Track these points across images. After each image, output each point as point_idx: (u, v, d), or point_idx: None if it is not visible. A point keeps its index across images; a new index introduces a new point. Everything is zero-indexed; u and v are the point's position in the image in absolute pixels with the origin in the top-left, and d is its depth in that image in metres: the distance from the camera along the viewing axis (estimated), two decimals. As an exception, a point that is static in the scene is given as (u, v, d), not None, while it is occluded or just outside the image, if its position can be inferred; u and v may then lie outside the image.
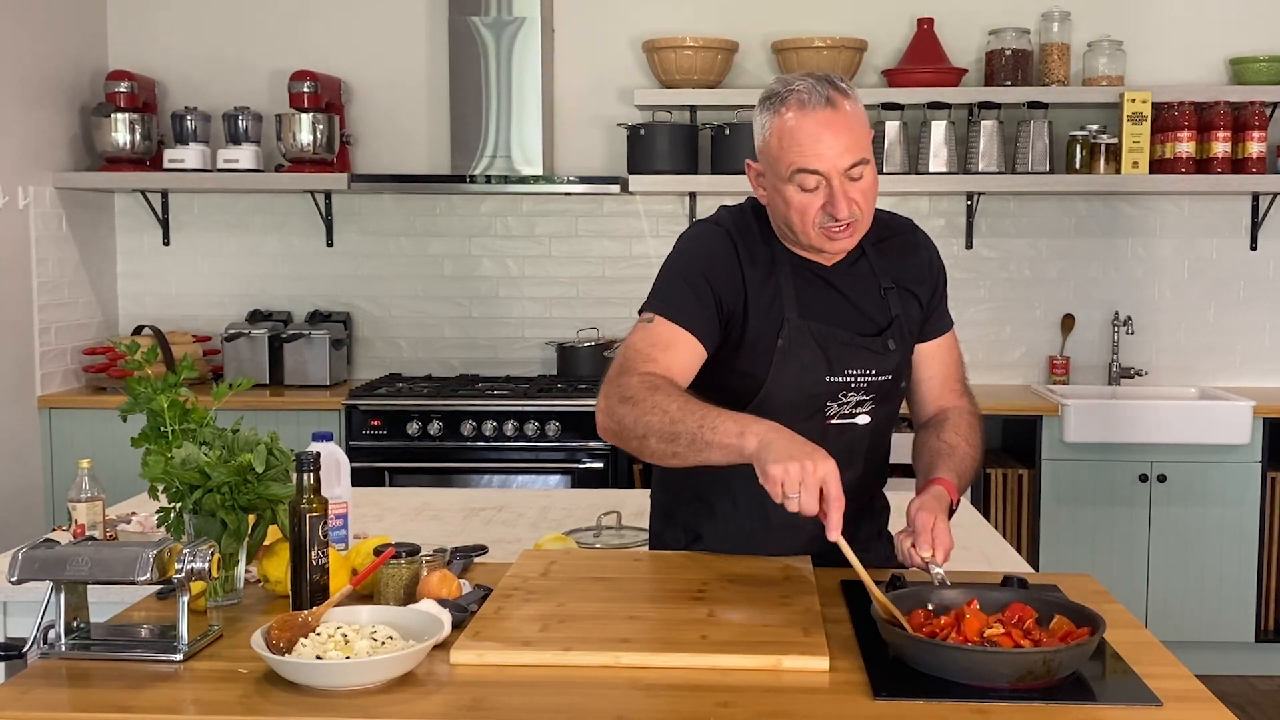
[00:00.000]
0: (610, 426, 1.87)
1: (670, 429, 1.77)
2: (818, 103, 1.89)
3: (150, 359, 1.95)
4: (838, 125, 1.88)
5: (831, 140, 1.88)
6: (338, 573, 1.79)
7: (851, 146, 1.89)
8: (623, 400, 1.84)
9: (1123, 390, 4.68)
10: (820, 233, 1.93)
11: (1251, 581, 4.28)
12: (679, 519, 2.14)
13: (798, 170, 1.89)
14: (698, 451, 1.75)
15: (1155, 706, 1.45)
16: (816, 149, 1.88)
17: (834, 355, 1.99)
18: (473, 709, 1.44)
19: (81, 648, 1.62)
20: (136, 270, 4.96)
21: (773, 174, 1.95)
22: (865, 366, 2.01)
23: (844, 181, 1.89)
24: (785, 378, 1.97)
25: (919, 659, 1.53)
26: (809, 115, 1.89)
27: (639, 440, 1.82)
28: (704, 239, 2.04)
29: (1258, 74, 4.51)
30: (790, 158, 1.90)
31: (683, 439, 1.76)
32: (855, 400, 2.02)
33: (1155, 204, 4.76)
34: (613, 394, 1.87)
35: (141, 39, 4.88)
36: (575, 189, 4.57)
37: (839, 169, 1.88)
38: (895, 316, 2.04)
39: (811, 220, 1.92)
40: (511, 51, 4.58)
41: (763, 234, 2.03)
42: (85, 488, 2.38)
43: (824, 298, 2.01)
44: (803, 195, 1.91)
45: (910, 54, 4.61)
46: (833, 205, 1.89)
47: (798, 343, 1.97)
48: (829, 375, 1.99)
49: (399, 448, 4.28)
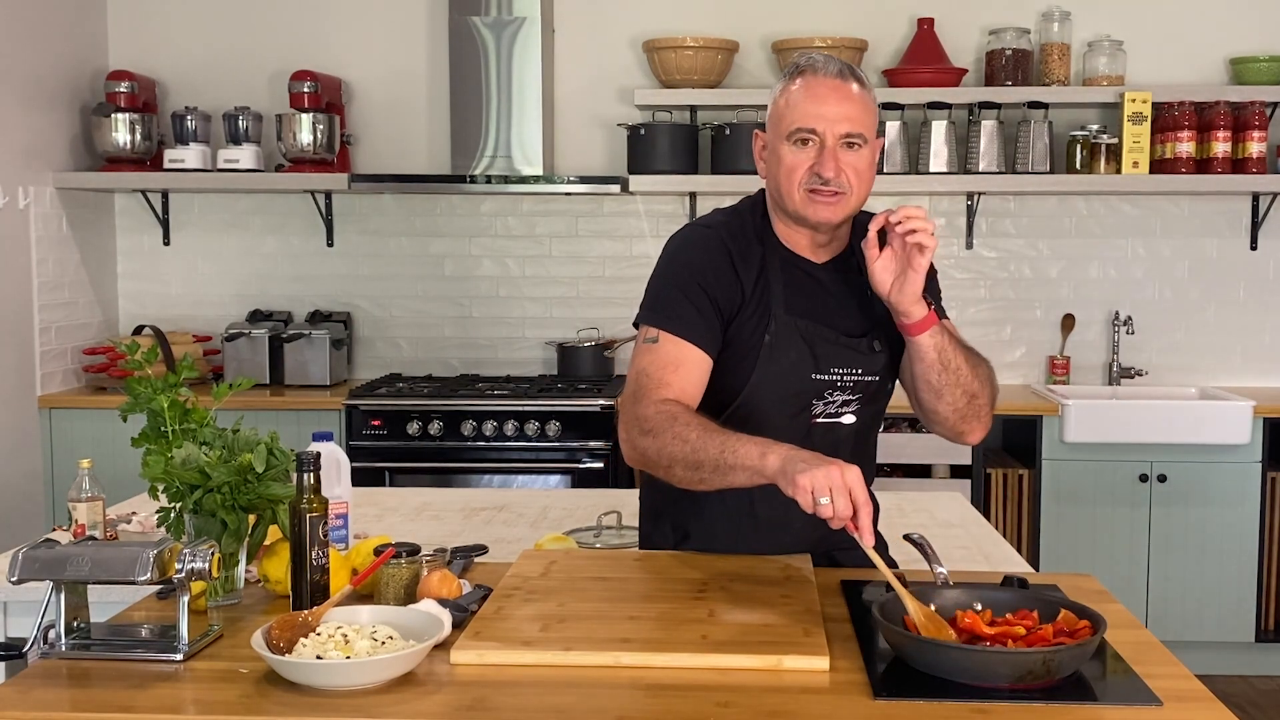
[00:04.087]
0: (635, 457, 1.92)
1: (693, 457, 1.80)
2: (830, 72, 1.94)
3: (150, 359, 1.94)
4: (844, 94, 1.93)
5: (834, 105, 1.92)
6: (338, 573, 1.79)
7: (852, 117, 1.93)
8: (644, 433, 1.88)
9: (1123, 390, 4.68)
10: (805, 195, 1.95)
11: (1251, 581, 4.28)
12: (667, 518, 2.14)
13: (796, 128, 1.93)
14: (722, 475, 1.78)
15: (1155, 706, 1.45)
16: (819, 110, 1.92)
17: (820, 353, 2.00)
18: (473, 709, 1.44)
19: (82, 648, 1.62)
20: (137, 270, 4.96)
21: (774, 137, 1.98)
22: (851, 366, 2.02)
23: (838, 146, 1.92)
24: (771, 374, 1.97)
25: (919, 659, 1.53)
26: (819, 80, 1.94)
27: (665, 470, 1.86)
28: (695, 244, 2.04)
29: (1258, 74, 4.51)
30: (792, 116, 1.94)
31: (706, 466, 1.79)
32: (841, 400, 2.03)
33: (1155, 204, 4.76)
34: (632, 426, 1.91)
35: (141, 39, 4.88)
36: (575, 189, 4.57)
37: (835, 133, 1.92)
38: (881, 318, 2.05)
39: (798, 181, 1.94)
40: (511, 51, 4.58)
41: (757, 231, 2.04)
42: (85, 488, 2.38)
43: (812, 295, 2.02)
44: (794, 154, 1.94)
45: (910, 54, 4.61)
46: (820, 164, 1.92)
47: (784, 339, 1.98)
48: (814, 373, 2.00)
49: (399, 448, 4.28)
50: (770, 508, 1.71)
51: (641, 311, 2.02)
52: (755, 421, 1.93)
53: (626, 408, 1.94)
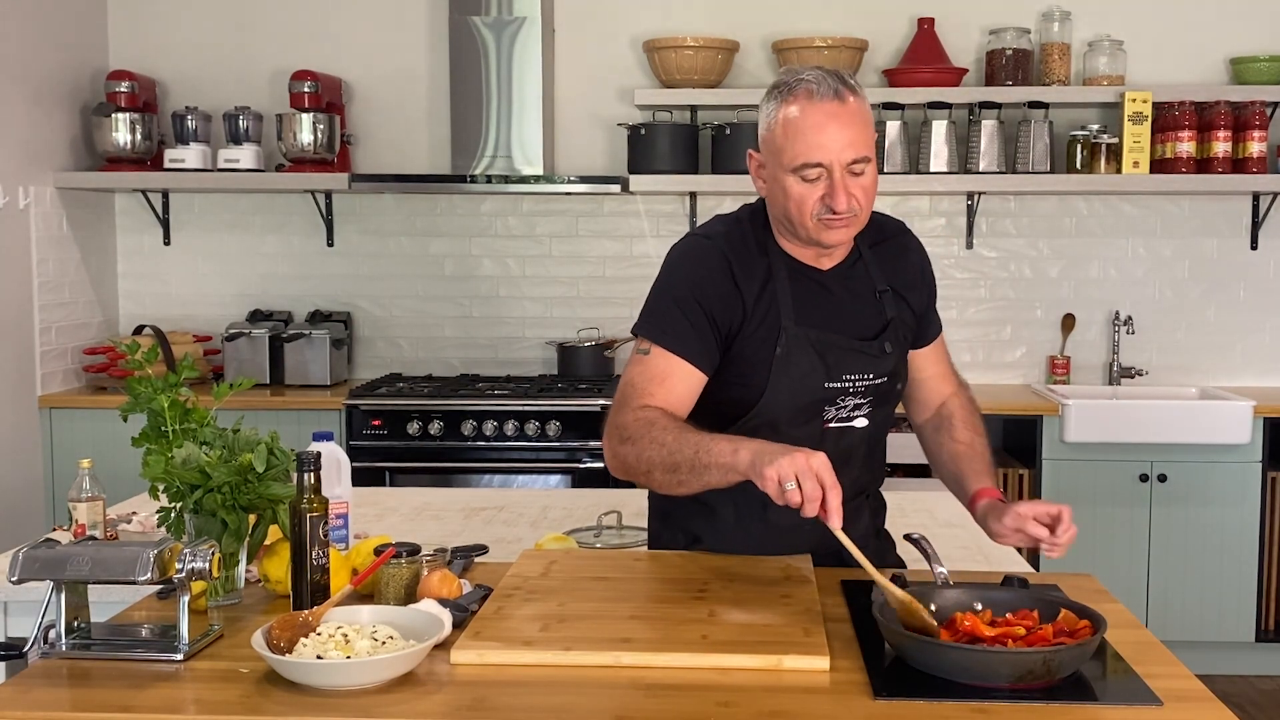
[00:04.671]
0: (617, 465, 1.92)
1: (670, 459, 1.82)
2: (825, 94, 1.89)
3: (150, 359, 1.95)
4: (844, 118, 1.89)
5: (837, 132, 1.88)
6: (338, 573, 1.79)
7: (855, 141, 1.89)
8: (623, 441, 1.89)
9: (1123, 390, 4.68)
10: (818, 223, 1.93)
11: (1251, 581, 4.28)
12: (677, 521, 2.13)
13: (801, 162, 1.89)
14: (698, 475, 1.80)
15: (1155, 706, 1.45)
16: (821, 140, 1.88)
17: (832, 361, 1.99)
18: (473, 709, 1.44)
19: (82, 647, 1.62)
20: (137, 270, 4.96)
21: (774, 164, 1.94)
22: (863, 371, 2.01)
23: (845, 175, 1.89)
24: (784, 386, 1.96)
25: (919, 659, 1.53)
26: (816, 107, 1.89)
27: (645, 475, 1.88)
28: (695, 258, 2.01)
29: (1258, 74, 4.51)
30: (794, 149, 1.89)
31: (683, 468, 1.80)
32: (853, 404, 2.02)
33: (1155, 204, 4.76)
34: (614, 435, 1.91)
35: (141, 39, 4.88)
36: (575, 189, 4.57)
37: (841, 162, 1.89)
38: (891, 319, 2.05)
39: (810, 211, 1.92)
40: (512, 51, 4.58)
41: (759, 241, 2.01)
42: (85, 488, 2.38)
43: (821, 303, 2.01)
44: (803, 186, 1.91)
45: (910, 54, 4.61)
46: (832, 197, 1.89)
47: (796, 350, 1.97)
48: (827, 381, 1.99)
49: (399, 447, 4.28)
50: (783, 515, 1.70)
51: (639, 321, 2.01)
52: (768, 431, 1.91)
53: (611, 417, 1.94)
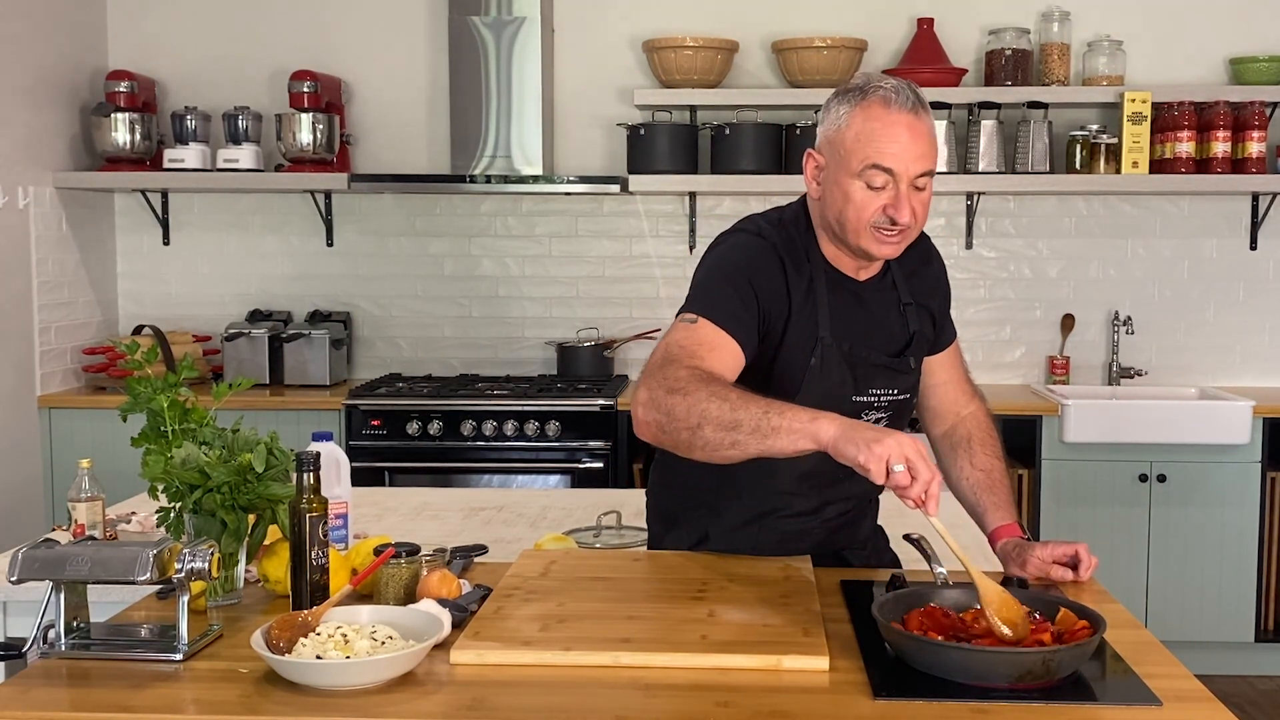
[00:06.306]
0: (655, 419, 1.75)
1: (730, 416, 1.67)
2: (903, 104, 1.86)
3: (150, 359, 1.94)
4: (918, 130, 1.87)
5: (910, 143, 1.86)
6: (338, 573, 1.79)
7: (926, 155, 1.87)
8: (672, 391, 1.73)
9: (1122, 390, 4.68)
10: (872, 234, 1.90)
11: (1251, 581, 4.28)
12: (682, 523, 2.13)
13: (871, 165, 1.86)
14: (762, 438, 1.65)
15: (1155, 706, 1.45)
16: (895, 148, 1.85)
17: (860, 376, 1.98)
18: (473, 709, 1.44)
19: (81, 647, 1.62)
20: (136, 270, 4.96)
21: (839, 166, 1.90)
22: (887, 386, 2.02)
23: (910, 187, 1.88)
24: (814, 398, 1.90)
25: (919, 659, 1.53)
26: (894, 114, 1.86)
27: (690, 431, 1.70)
28: (750, 248, 1.97)
29: (1258, 74, 4.51)
30: (866, 151, 1.86)
31: (745, 426, 1.66)
32: (874, 418, 2.02)
33: (1155, 204, 4.76)
34: (658, 385, 1.76)
35: (141, 39, 4.88)
36: (575, 189, 4.57)
37: (910, 174, 1.87)
38: (915, 333, 2.05)
39: (868, 220, 1.89)
40: (511, 51, 4.58)
41: (804, 246, 1.99)
42: (85, 487, 2.38)
43: (855, 316, 2.00)
44: (866, 193, 1.88)
45: (910, 54, 4.61)
46: (895, 208, 1.87)
47: (829, 363, 1.95)
48: (855, 395, 1.98)
49: (399, 448, 4.28)
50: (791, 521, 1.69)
51: (684, 306, 1.94)
52: None
53: (653, 371, 1.80)
